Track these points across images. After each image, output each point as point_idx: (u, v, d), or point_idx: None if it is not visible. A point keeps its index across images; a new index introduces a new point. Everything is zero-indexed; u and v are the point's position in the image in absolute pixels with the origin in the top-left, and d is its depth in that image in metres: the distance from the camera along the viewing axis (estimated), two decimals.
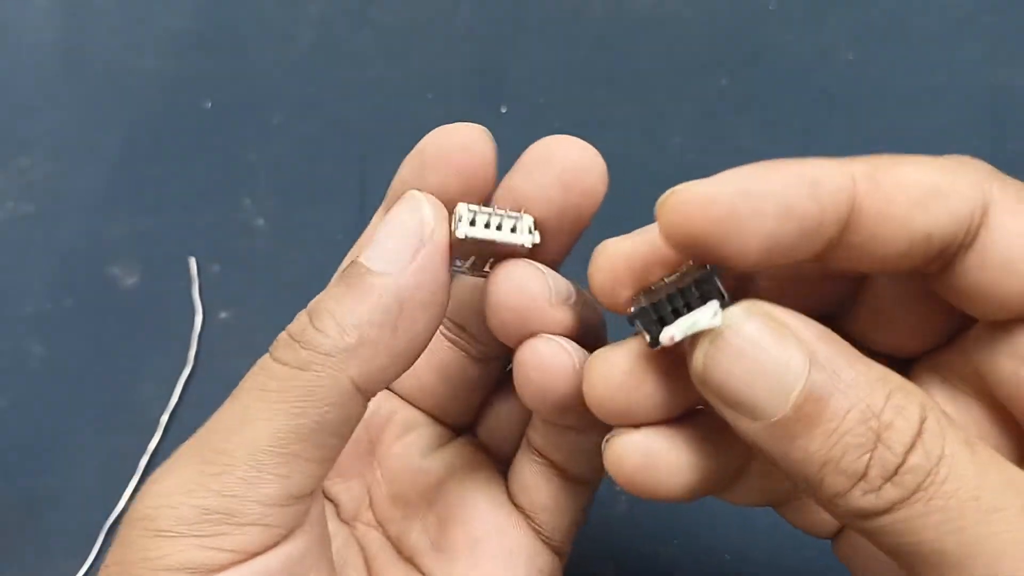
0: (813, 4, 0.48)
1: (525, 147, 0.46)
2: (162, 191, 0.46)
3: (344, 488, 0.29)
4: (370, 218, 0.29)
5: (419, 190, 0.24)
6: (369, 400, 0.23)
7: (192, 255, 0.44)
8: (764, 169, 0.20)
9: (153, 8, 0.51)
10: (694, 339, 0.21)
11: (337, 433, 0.23)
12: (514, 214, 0.24)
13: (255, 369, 0.23)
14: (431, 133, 0.25)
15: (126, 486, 0.40)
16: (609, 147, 0.49)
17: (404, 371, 0.24)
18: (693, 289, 0.21)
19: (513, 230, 0.24)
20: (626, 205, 0.45)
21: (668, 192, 0.21)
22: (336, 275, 0.25)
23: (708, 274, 0.21)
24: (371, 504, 0.29)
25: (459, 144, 0.25)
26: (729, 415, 0.20)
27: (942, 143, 0.45)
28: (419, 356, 0.24)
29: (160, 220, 0.45)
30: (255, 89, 0.49)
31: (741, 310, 0.20)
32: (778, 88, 0.46)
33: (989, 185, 0.21)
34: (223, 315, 0.43)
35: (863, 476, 0.19)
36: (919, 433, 0.19)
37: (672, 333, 0.21)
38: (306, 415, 0.22)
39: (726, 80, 0.47)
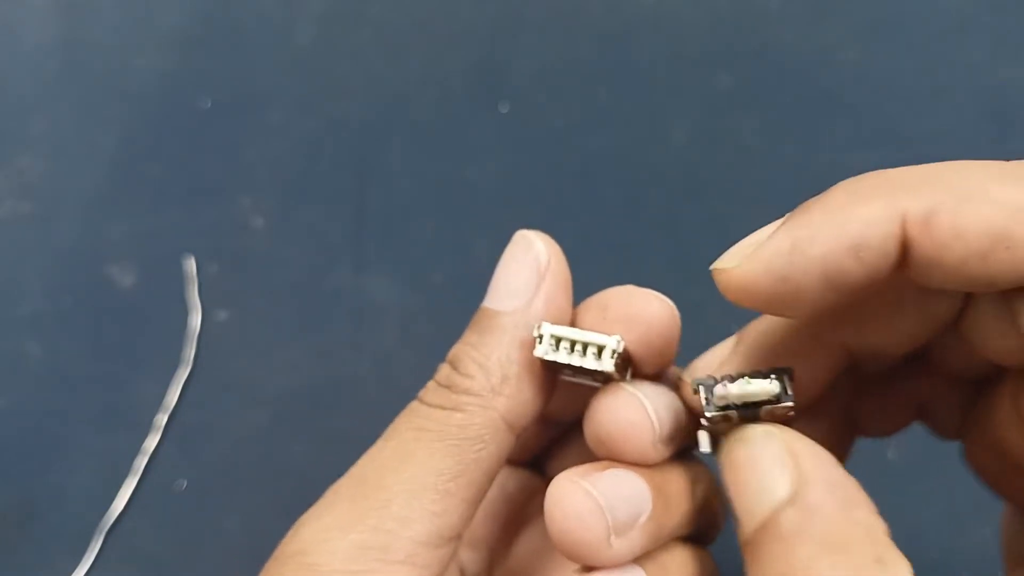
0: (815, 3, 0.48)
1: (525, 147, 0.46)
2: (161, 191, 0.46)
3: (470, 555, 0.29)
4: (370, 218, 0.29)
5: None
6: (517, 436, 0.24)
7: (191, 255, 0.44)
8: (806, 229, 0.19)
9: (152, 7, 0.51)
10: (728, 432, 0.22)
11: (488, 471, 0.24)
12: (601, 337, 0.24)
13: (407, 414, 0.24)
14: (615, 290, 0.25)
15: (124, 486, 0.40)
16: (610, 146, 0.49)
17: (548, 402, 0.25)
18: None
19: (598, 354, 0.23)
20: (628, 205, 0.45)
21: (713, 266, 0.21)
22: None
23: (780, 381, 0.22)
24: None
25: (641, 306, 0.24)
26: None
27: (944, 142, 0.44)
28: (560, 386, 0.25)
29: (158, 220, 0.45)
30: (254, 88, 0.48)
31: (762, 431, 0.21)
32: (780, 87, 0.46)
33: None
34: (222, 315, 0.43)
35: None
36: None
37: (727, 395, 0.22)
38: (462, 451, 0.23)
39: (728, 79, 0.47)
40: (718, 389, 0.22)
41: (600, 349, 0.23)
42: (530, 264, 0.24)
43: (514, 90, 0.47)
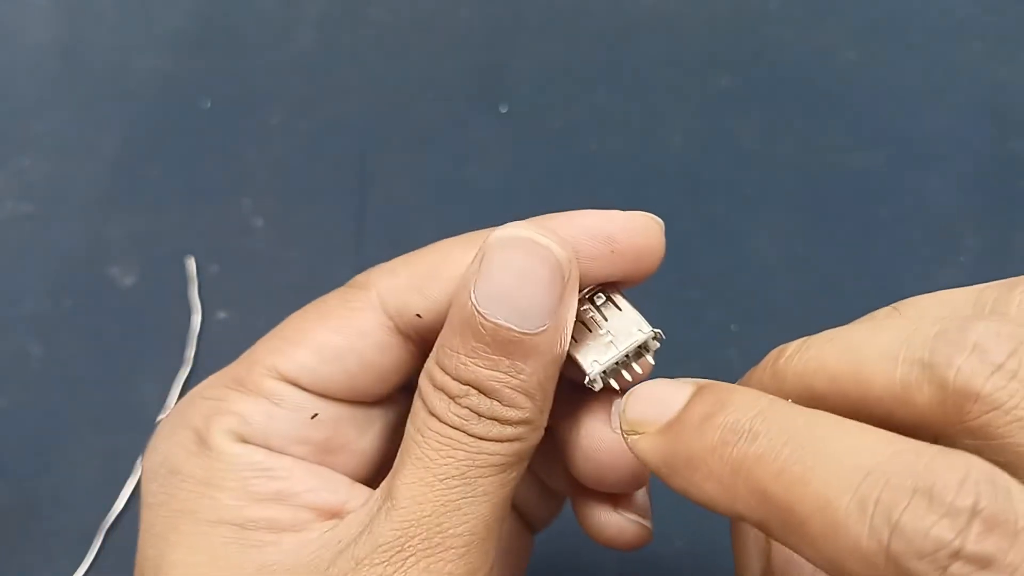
0: (814, 3, 0.48)
1: (525, 147, 0.46)
2: (161, 191, 0.46)
3: None
4: (370, 218, 0.29)
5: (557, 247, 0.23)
6: None
7: (191, 255, 0.44)
8: (671, 471, 0.21)
9: (152, 8, 0.51)
10: None
11: None
12: (639, 337, 0.24)
13: (462, 450, 0.22)
14: (613, 219, 0.25)
15: (125, 486, 0.40)
16: (609, 147, 0.49)
17: None
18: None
19: (641, 351, 0.24)
20: (627, 205, 0.45)
21: (622, 417, 0.23)
22: (459, 323, 0.22)
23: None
24: None
25: (646, 236, 0.25)
26: None
27: (944, 142, 0.45)
28: None
29: (159, 220, 0.45)
30: (254, 89, 0.48)
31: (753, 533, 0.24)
32: (779, 87, 0.46)
33: None
34: (221, 315, 0.43)
35: None
36: None
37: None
38: (519, 475, 0.23)
39: (727, 79, 0.47)
40: None
41: (641, 346, 0.24)
42: (553, 272, 0.22)
43: (514, 91, 0.47)
